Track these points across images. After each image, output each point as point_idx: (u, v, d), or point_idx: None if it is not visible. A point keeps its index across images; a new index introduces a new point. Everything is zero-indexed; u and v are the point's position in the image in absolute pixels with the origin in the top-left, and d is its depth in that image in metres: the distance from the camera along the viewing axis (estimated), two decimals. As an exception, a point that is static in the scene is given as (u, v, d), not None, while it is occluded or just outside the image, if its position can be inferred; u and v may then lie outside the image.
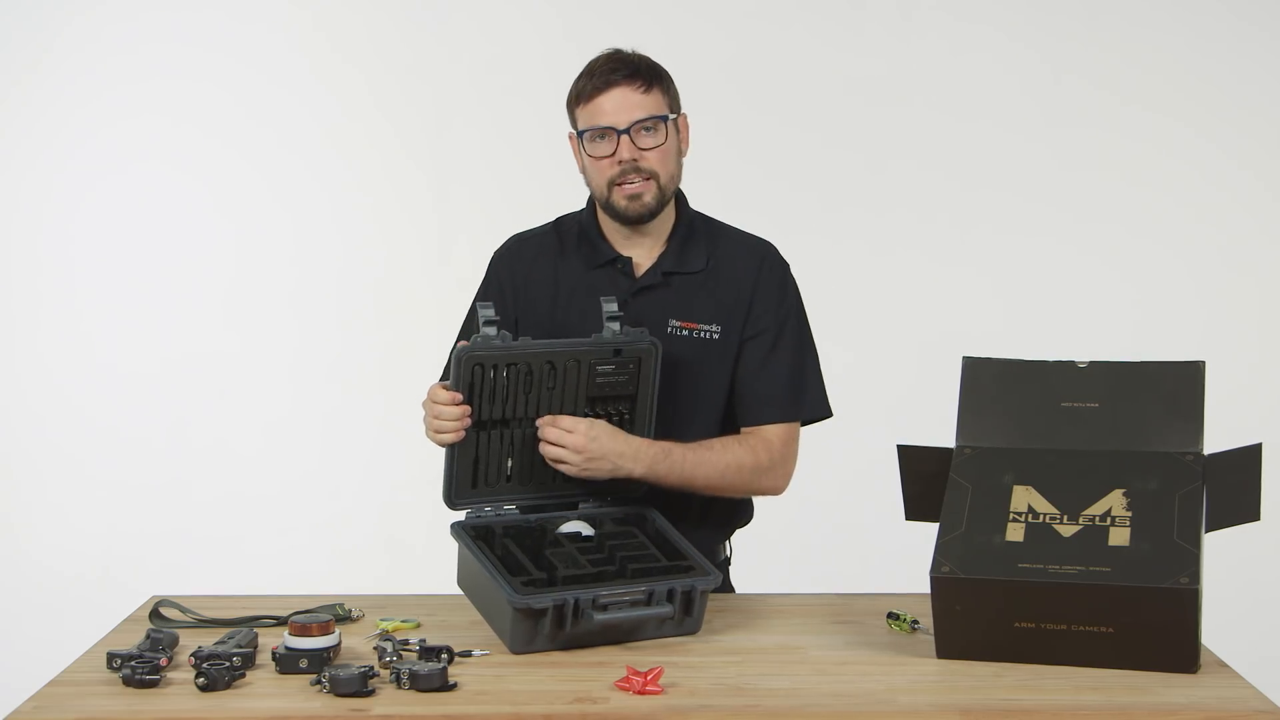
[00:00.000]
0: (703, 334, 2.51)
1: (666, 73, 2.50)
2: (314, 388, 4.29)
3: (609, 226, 2.53)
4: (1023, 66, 4.26)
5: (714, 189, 4.14)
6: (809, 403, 2.55)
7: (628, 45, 2.51)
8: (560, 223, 2.61)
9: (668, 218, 2.54)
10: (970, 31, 4.26)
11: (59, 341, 4.25)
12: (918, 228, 4.28)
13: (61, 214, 4.24)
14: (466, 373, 2.31)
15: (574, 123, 2.49)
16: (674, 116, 2.49)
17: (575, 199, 2.72)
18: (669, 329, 2.50)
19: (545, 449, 2.35)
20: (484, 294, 2.59)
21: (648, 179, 2.44)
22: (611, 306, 2.40)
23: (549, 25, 4.25)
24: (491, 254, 2.63)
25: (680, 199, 2.57)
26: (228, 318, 4.27)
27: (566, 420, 2.34)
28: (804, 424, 2.57)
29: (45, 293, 4.25)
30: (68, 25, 4.20)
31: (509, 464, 2.40)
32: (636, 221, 2.47)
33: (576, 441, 2.33)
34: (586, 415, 2.40)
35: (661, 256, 2.53)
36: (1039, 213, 4.27)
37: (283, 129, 4.25)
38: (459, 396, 2.30)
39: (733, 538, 2.67)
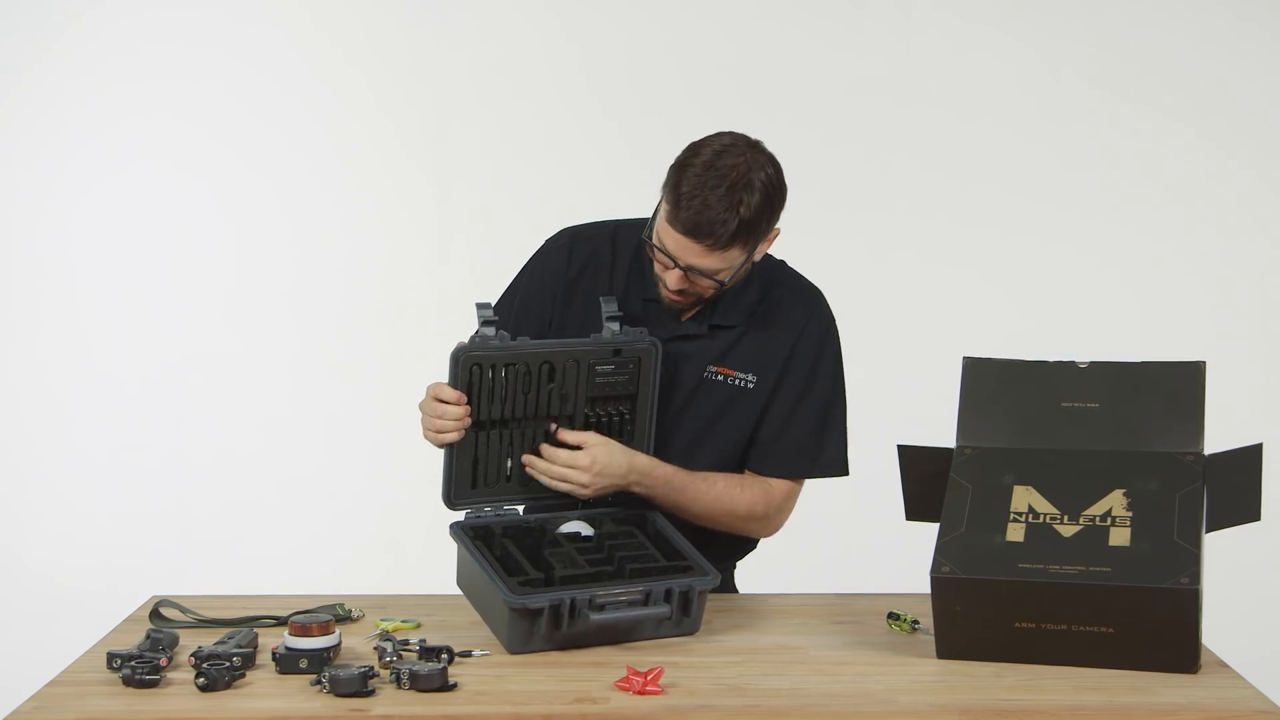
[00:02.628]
0: (738, 381, 2.47)
1: (766, 210, 2.31)
2: (314, 388, 4.29)
3: None
4: (1023, 65, 4.26)
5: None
6: (823, 463, 2.51)
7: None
8: (619, 234, 2.52)
9: None
10: (970, 31, 4.26)
11: (59, 340, 4.25)
12: (918, 227, 4.28)
13: (61, 214, 4.24)
14: (464, 372, 2.31)
15: (662, 192, 2.33)
16: (746, 260, 2.35)
17: (576, 200, 2.71)
18: (705, 373, 2.47)
19: (553, 484, 2.35)
20: (528, 282, 2.53)
21: (692, 296, 2.39)
22: (611, 306, 2.40)
23: (549, 25, 4.25)
24: (541, 245, 2.56)
25: None
26: (228, 318, 4.26)
27: (564, 454, 2.33)
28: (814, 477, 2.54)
29: (45, 292, 4.25)
30: (68, 25, 4.20)
31: (508, 464, 2.40)
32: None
33: (581, 478, 2.33)
34: (586, 416, 2.40)
35: (710, 306, 2.46)
36: (1039, 212, 4.27)
37: (283, 129, 4.25)
38: (464, 396, 2.30)
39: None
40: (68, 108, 4.21)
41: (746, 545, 2.62)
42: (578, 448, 2.35)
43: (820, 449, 2.50)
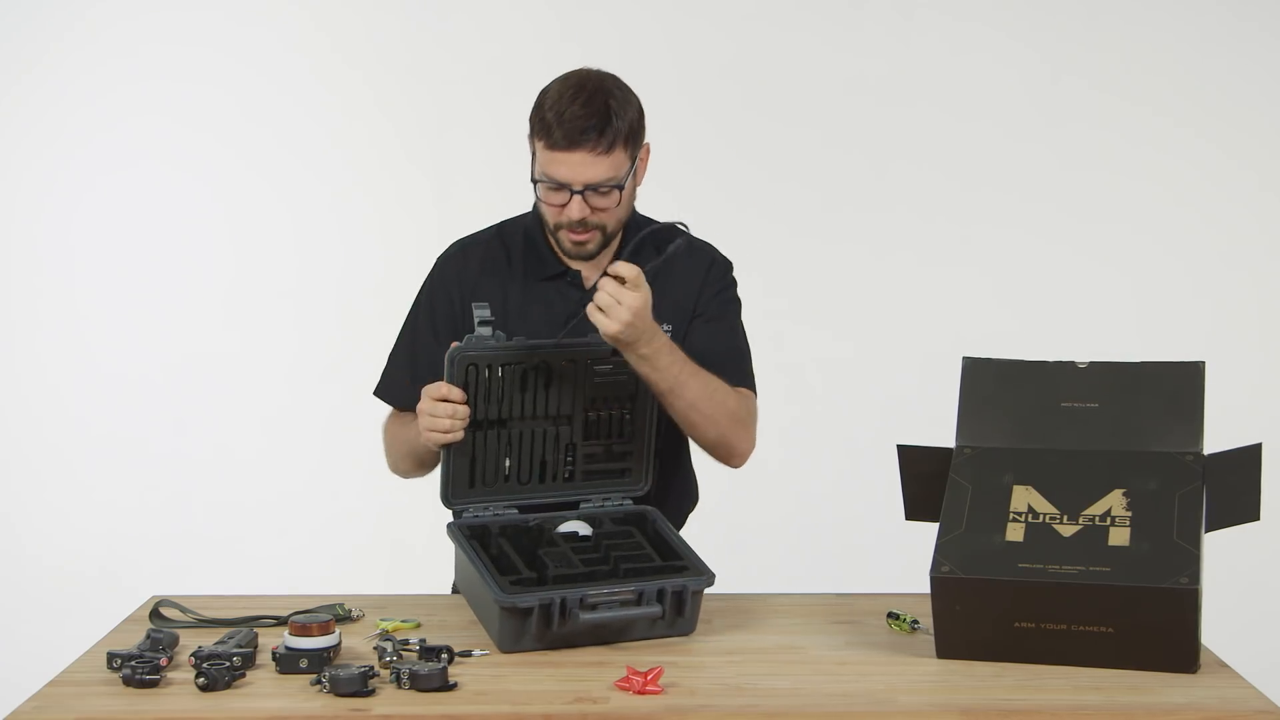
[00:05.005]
0: None
1: (634, 113, 2.39)
2: (314, 388, 4.29)
3: None
4: (1022, 66, 4.26)
5: (715, 189, 4.19)
6: (751, 380, 2.55)
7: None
8: (504, 229, 2.58)
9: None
10: (970, 31, 4.26)
11: (58, 341, 4.25)
12: (918, 228, 4.28)
13: (61, 214, 4.24)
14: (460, 372, 2.31)
15: (531, 143, 2.42)
16: (632, 170, 2.41)
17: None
18: None
19: (593, 311, 2.23)
20: (430, 298, 2.56)
21: (595, 229, 2.42)
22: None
23: (549, 25, 4.25)
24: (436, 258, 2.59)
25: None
26: (227, 318, 4.27)
27: (614, 285, 2.22)
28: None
29: (45, 293, 4.25)
30: (68, 25, 4.20)
31: (506, 463, 2.40)
32: (579, 259, 2.47)
33: (623, 315, 2.22)
34: (586, 416, 2.40)
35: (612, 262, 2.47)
36: (1039, 213, 4.27)
37: (283, 129, 4.25)
38: (463, 394, 2.30)
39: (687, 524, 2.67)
40: (68, 108, 4.21)
41: (693, 496, 2.65)
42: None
43: (747, 366, 2.55)
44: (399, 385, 2.57)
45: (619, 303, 2.22)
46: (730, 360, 2.52)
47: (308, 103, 4.25)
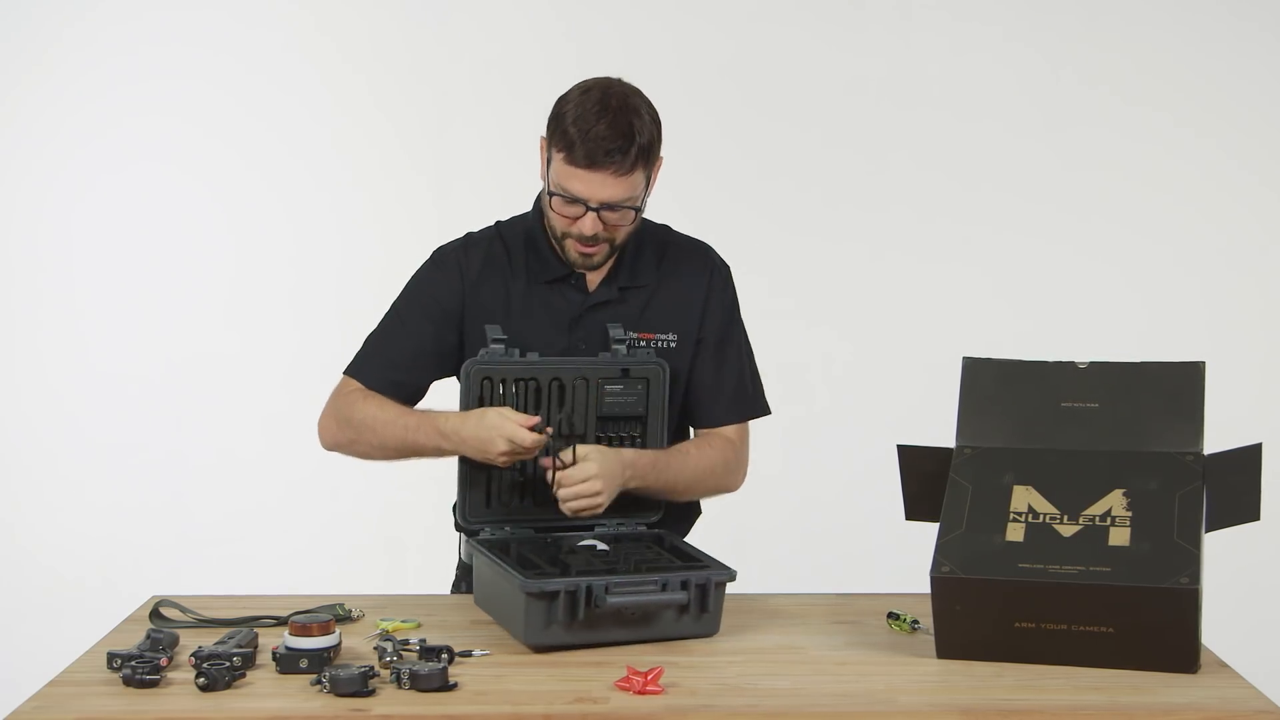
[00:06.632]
0: (660, 343, 2.50)
1: (654, 131, 2.37)
2: (314, 388, 4.25)
3: None
4: (1023, 66, 4.26)
5: (716, 188, 4.19)
6: (759, 402, 2.57)
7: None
8: (503, 230, 2.55)
9: None
10: (970, 31, 4.26)
11: (58, 341, 4.25)
12: (918, 227, 4.28)
13: (61, 214, 4.24)
14: (476, 386, 2.31)
15: (547, 150, 2.40)
16: (647, 187, 2.41)
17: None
18: (627, 340, 2.48)
19: (576, 511, 2.33)
20: (429, 287, 2.52)
21: (604, 242, 2.41)
22: (618, 331, 2.42)
23: (549, 25, 4.25)
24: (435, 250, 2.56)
25: None
26: (228, 318, 4.27)
27: (574, 474, 2.31)
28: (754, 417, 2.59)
29: (45, 293, 4.25)
30: (68, 25, 4.20)
31: (521, 481, 2.40)
32: (583, 270, 2.47)
33: (595, 488, 2.32)
34: (598, 438, 2.41)
35: (614, 271, 2.50)
36: (1039, 213, 4.28)
37: (283, 129, 4.25)
38: (539, 435, 2.29)
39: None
40: (69, 108, 4.21)
41: (693, 515, 2.65)
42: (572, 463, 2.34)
43: (754, 387, 2.56)
44: (379, 368, 2.52)
45: (592, 495, 2.32)
46: (739, 392, 2.53)
47: (308, 103, 4.25)
